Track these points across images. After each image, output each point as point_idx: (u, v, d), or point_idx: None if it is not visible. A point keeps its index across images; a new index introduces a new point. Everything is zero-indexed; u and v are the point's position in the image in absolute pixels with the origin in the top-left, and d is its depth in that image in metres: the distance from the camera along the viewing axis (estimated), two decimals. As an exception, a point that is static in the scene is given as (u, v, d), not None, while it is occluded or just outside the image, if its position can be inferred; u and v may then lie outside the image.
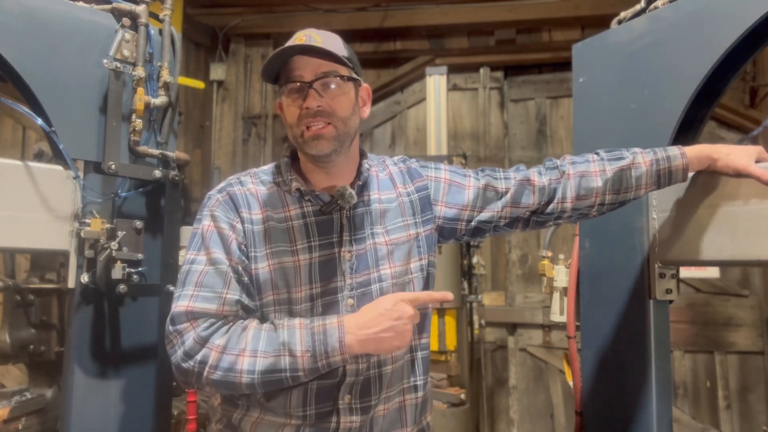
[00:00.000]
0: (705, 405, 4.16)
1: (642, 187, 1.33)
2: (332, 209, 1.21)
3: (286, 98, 1.18)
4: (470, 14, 4.79)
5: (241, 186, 1.24)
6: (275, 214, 1.21)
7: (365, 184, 1.27)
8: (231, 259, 1.15)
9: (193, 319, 1.09)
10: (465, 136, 4.94)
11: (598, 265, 1.67)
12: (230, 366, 1.06)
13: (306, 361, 1.05)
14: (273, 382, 1.07)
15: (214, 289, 1.12)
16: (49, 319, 1.93)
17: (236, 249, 1.16)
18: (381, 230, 1.25)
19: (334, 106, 1.16)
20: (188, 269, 1.15)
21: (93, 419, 1.54)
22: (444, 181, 1.34)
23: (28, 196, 1.44)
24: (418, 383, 1.29)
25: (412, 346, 1.27)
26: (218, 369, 1.06)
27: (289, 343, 1.06)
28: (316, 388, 1.15)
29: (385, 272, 1.22)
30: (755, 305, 4.09)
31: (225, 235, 1.16)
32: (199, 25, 4.99)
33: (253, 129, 5.13)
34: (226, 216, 1.19)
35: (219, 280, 1.13)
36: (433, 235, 1.32)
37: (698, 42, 1.44)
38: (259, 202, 1.22)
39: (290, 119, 1.17)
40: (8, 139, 3.92)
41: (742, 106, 4.30)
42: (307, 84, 1.15)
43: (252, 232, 1.18)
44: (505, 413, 4.64)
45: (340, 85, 1.17)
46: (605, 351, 1.63)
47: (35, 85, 1.48)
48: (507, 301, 4.73)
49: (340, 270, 1.19)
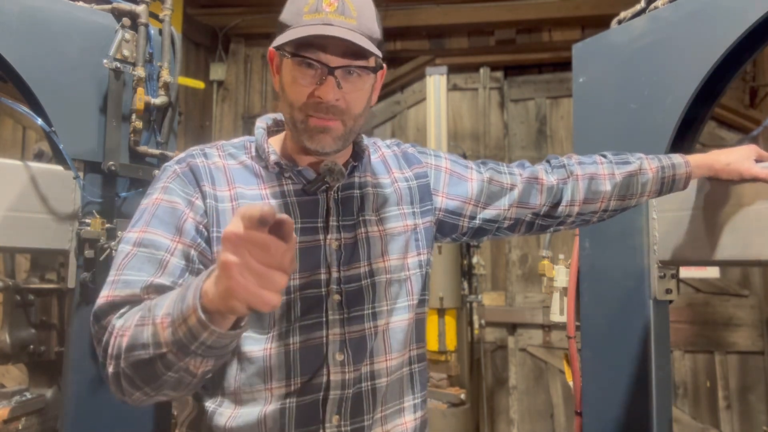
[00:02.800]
0: (705, 405, 4.16)
1: (646, 194, 1.30)
2: (317, 188, 1.02)
3: (294, 70, 0.95)
4: (470, 14, 4.79)
5: (204, 158, 1.03)
6: (247, 191, 1.01)
7: (359, 164, 1.09)
8: (180, 241, 0.93)
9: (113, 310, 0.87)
10: (465, 136, 4.94)
11: (598, 265, 1.67)
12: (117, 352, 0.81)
13: (166, 329, 0.75)
14: (141, 366, 0.78)
15: (140, 274, 0.89)
16: (49, 319, 1.92)
17: (191, 229, 0.94)
18: (374, 218, 1.08)
19: (349, 102, 0.97)
20: (119, 250, 0.94)
21: (93, 419, 1.54)
22: (445, 170, 1.20)
23: (28, 196, 1.44)
24: (416, 402, 1.10)
25: (409, 358, 1.10)
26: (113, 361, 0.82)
27: (154, 308, 0.79)
28: (296, 407, 0.95)
29: (378, 266, 1.05)
30: (755, 305, 4.09)
31: (178, 210, 0.95)
32: (199, 25, 4.99)
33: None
34: (183, 190, 0.98)
35: (149, 265, 0.90)
36: (431, 229, 1.16)
37: (698, 42, 1.44)
38: (227, 176, 1.01)
39: (293, 98, 0.97)
40: (8, 139, 3.92)
41: (742, 106, 4.30)
42: (328, 69, 0.93)
43: (215, 209, 0.97)
44: (505, 413, 4.64)
45: (363, 78, 0.98)
46: (605, 351, 1.63)
47: (35, 85, 1.48)
48: (507, 301, 4.73)
49: (325, 260, 1.01)
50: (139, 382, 0.80)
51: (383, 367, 1.04)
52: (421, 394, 1.12)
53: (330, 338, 0.98)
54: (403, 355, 1.08)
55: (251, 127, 1.13)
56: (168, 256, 0.92)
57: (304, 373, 0.96)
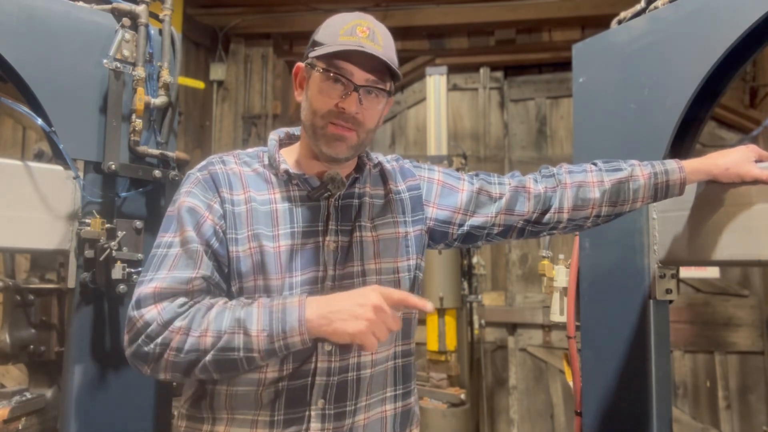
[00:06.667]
0: (705, 405, 4.16)
1: (639, 200, 1.32)
2: (320, 195, 1.15)
3: (322, 83, 1.10)
4: (470, 14, 4.79)
5: (223, 165, 1.17)
6: (258, 196, 1.14)
7: (359, 176, 1.23)
8: (201, 240, 1.08)
9: (158, 301, 1.03)
10: (465, 136, 4.94)
11: (598, 265, 1.67)
12: (192, 347, 0.99)
13: (262, 341, 0.98)
14: (226, 363, 1.00)
15: (186, 270, 1.06)
16: (49, 319, 1.92)
17: (208, 230, 1.09)
18: (368, 224, 1.20)
19: (366, 117, 1.12)
20: (164, 253, 1.08)
21: (93, 419, 1.54)
22: (437, 183, 1.30)
23: (28, 196, 1.44)
24: (397, 393, 1.21)
25: (394, 353, 1.21)
26: (180, 351, 1.00)
27: (245, 320, 0.99)
28: (287, 390, 1.08)
29: (370, 267, 1.17)
30: (755, 305, 4.09)
31: (199, 214, 1.10)
32: (199, 25, 4.99)
33: (253, 129, 5.13)
34: (204, 195, 1.12)
35: (191, 260, 1.06)
36: (422, 237, 1.27)
37: (698, 42, 1.44)
38: (243, 182, 1.15)
39: (318, 107, 1.10)
40: (8, 139, 3.92)
41: (742, 106, 4.30)
42: (354, 86, 1.09)
43: (233, 213, 1.12)
44: (505, 413, 4.64)
45: (379, 99, 1.13)
46: (605, 351, 1.63)
47: (35, 85, 1.48)
48: (507, 301, 4.73)
49: (323, 260, 1.13)
50: (213, 371, 1.01)
51: (369, 359, 1.15)
52: (405, 385, 1.23)
53: None
54: (388, 350, 1.19)
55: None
56: (200, 248, 1.07)
57: (295, 360, 1.08)
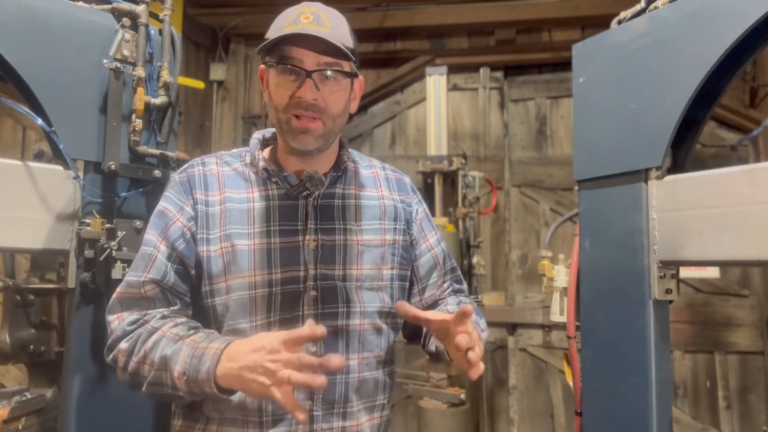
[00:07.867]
0: (705, 405, 4.16)
1: None
2: (298, 193, 1.14)
3: (277, 77, 1.10)
4: (470, 14, 4.79)
5: (202, 167, 1.19)
6: (236, 195, 1.15)
7: (343, 176, 1.21)
8: (163, 242, 1.11)
9: (123, 309, 1.08)
10: (465, 136, 4.94)
11: (598, 265, 1.67)
12: (134, 371, 1.04)
13: (182, 384, 0.98)
14: (161, 395, 1.03)
15: (137, 272, 1.10)
16: (49, 319, 1.92)
17: (175, 232, 1.12)
18: (355, 227, 1.18)
19: (328, 102, 1.09)
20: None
21: (93, 419, 1.54)
22: (421, 213, 1.32)
23: (28, 196, 1.44)
24: (385, 402, 1.20)
25: (384, 361, 1.19)
26: (126, 371, 1.05)
27: (170, 359, 0.99)
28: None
29: (351, 273, 1.14)
30: (755, 305, 4.09)
31: (168, 217, 1.13)
32: (199, 25, 4.99)
33: (253, 129, 5.13)
34: (178, 198, 1.15)
35: (142, 262, 1.10)
36: (410, 249, 1.26)
37: (698, 42, 1.44)
38: (220, 182, 1.16)
39: (277, 102, 1.10)
40: (8, 139, 3.92)
41: (742, 106, 4.30)
42: (306, 72, 1.07)
43: (206, 213, 1.13)
44: (505, 413, 4.64)
45: (339, 81, 1.11)
46: (605, 351, 1.63)
47: (35, 85, 1.48)
48: (507, 301, 4.73)
49: (303, 259, 1.12)
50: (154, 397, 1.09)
51: (355, 363, 1.13)
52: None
53: None
54: (377, 356, 1.17)
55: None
56: (155, 253, 1.10)
57: None
